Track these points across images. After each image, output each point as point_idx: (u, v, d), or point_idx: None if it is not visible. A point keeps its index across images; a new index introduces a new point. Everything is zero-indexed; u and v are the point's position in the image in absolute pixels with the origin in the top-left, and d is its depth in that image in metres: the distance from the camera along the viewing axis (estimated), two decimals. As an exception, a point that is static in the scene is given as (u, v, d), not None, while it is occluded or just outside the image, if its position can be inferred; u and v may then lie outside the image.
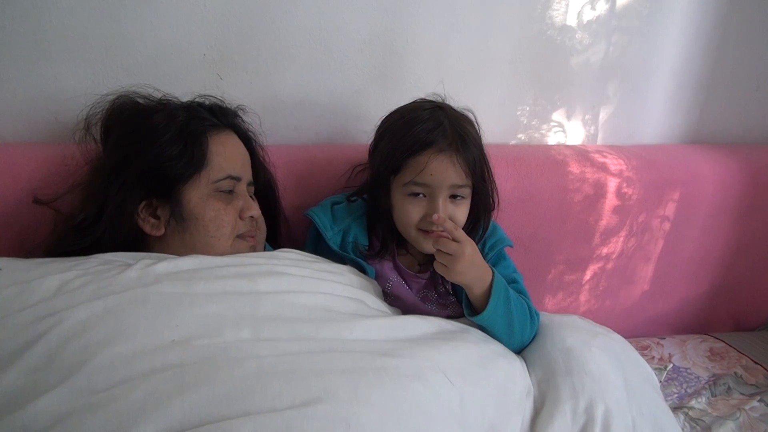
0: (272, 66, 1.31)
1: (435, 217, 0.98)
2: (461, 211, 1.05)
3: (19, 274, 0.84)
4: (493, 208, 1.11)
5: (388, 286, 1.12)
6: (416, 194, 1.03)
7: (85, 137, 1.06)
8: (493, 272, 1.01)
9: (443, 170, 1.00)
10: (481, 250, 1.09)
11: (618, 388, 0.97)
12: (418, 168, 1.00)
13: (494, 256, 1.12)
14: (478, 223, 1.11)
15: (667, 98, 1.62)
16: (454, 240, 0.97)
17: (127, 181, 0.95)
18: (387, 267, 1.13)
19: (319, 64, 1.33)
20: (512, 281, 1.10)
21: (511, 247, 1.16)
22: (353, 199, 1.16)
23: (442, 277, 1.07)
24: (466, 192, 1.04)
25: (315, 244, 1.16)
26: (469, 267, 0.97)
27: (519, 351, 1.08)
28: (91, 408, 0.66)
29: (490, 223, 1.14)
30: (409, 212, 1.04)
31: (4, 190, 1.08)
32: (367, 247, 1.12)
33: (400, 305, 1.12)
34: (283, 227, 1.20)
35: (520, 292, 1.09)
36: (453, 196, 1.04)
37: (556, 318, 1.13)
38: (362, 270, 1.09)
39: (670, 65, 1.58)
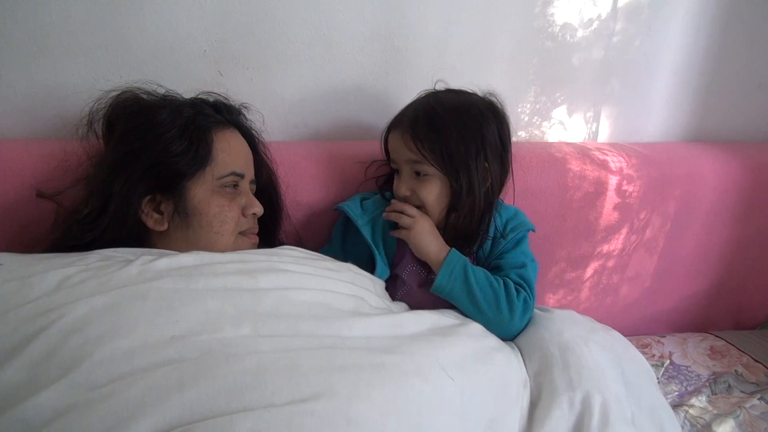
0: (273, 63, 1.31)
1: (391, 202, 1.12)
2: (425, 188, 1.10)
3: (19, 270, 0.84)
4: (464, 194, 1.08)
5: (406, 272, 1.16)
6: (396, 171, 1.14)
7: (88, 133, 1.06)
8: (450, 249, 1.09)
9: (395, 146, 1.12)
10: (502, 231, 1.15)
11: (615, 381, 0.98)
12: (389, 147, 1.15)
13: (513, 239, 1.15)
14: (457, 207, 1.10)
15: (669, 96, 1.62)
16: (408, 215, 1.09)
17: (131, 176, 0.95)
18: (408, 254, 1.15)
19: (320, 61, 1.33)
20: (521, 266, 1.12)
21: (534, 231, 1.19)
22: (387, 195, 1.20)
23: None
24: (427, 169, 1.09)
25: (343, 238, 1.19)
26: (419, 239, 1.09)
27: (512, 337, 1.09)
28: (90, 403, 0.66)
29: (511, 209, 1.19)
30: (394, 186, 1.15)
31: (6, 186, 1.08)
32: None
33: (414, 293, 1.15)
34: (285, 224, 1.21)
35: (522, 278, 1.10)
36: (417, 173, 1.10)
37: (555, 312, 1.13)
38: (371, 267, 1.11)
39: (672, 63, 1.58)
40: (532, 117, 1.53)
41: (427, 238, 1.10)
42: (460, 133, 1.06)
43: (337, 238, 1.20)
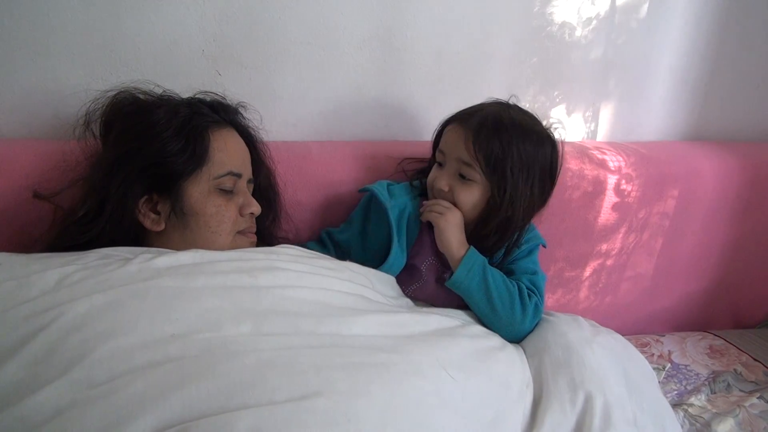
0: (271, 62, 1.30)
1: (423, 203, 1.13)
2: (465, 191, 1.10)
3: (18, 269, 0.84)
4: (503, 212, 1.09)
5: (425, 265, 1.16)
6: (439, 163, 1.13)
7: (85, 133, 1.06)
8: (470, 247, 1.10)
9: (453, 140, 1.10)
10: (518, 242, 1.15)
11: (618, 383, 0.98)
12: (443, 136, 1.14)
13: (526, 249, 1.17)
14: (489, 220, 1.10)
15: (668, 95, 1.62)
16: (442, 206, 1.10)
17: (128, 176, 0.95)
18: (427, 247, 1.15)
19: (318, 60, 1.33)
20: (532, 272, 1.14)
21: (545, 246, 1.21)
22: (415, 183, 1.21)
23: None
24: (474, 175, 1.08)
25: (363, 221, 1.19)
26: (447, 227, 1.08)
27: (518, 340, 1.10)
28: (90, 401, 0.66)
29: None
30: (429, 177, 1.15)
31: (4, 186, 1.08)
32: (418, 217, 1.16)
33: (429, 287, 1.16)
34: (284, 223, 1.20)
35: (533, 284, 1.12)
36: (461, 176, 1.09)
37: (559, 316, 1.14)
38: (381, 261, 1.11)
39: (671, 62, 1.58)
40: (531, 116, 1.53)
41: (454, 230, 1.10)
42: (518, 152, 1.06)
43: (358, 220, 1.20)
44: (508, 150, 1.05)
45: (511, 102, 1.16)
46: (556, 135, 1.15)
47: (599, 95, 1.57)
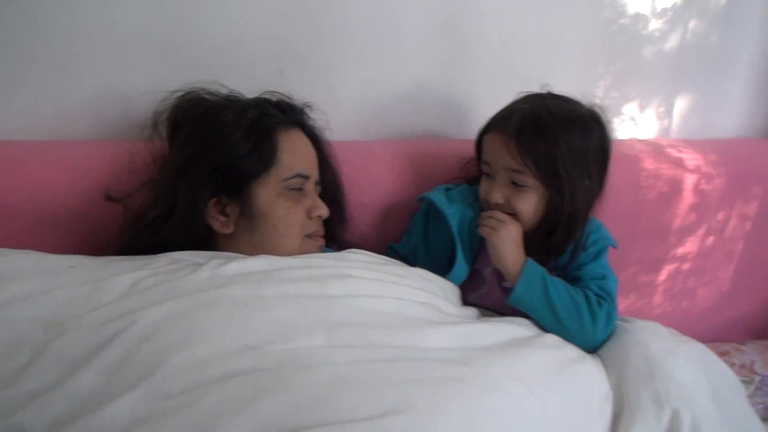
0: (334, 60, 1.29)
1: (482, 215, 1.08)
2: (522, 199, 1.05)
3: (91, 273, 0.84)
4: (566, 211, 1.04)
5: (488, 270, 1.12)
6: (486, 174, 1.08)
7: (153, 134, 1.06)
8: (527, 260, 1.05)
9: (496, 150, 1.04)
10: (583, 244, 1.09)
11: (705, 398, 0.92)
12: (484, 147, 1.08)
13: (593, 252, 1.10)
14: (553, 221, 1.06)
15: (748, 89, 1.54)
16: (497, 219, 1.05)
17: (197, 178, 0.94)
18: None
19: (382, 58, 1.31)
20: (601, 277, 1.08)
21: (615, 247, 1.14)
22: (474, 185, 1.16)
23: None
24: (526, 180, 1.03)
25: (425, 230, 1.16)
26: (501, 243, 1.03)
27: (594, 349, 1.04)
28: (167, 413, 0.65)
29: (595, 222, 1.13)
30: (481, 190, 1.10)
31: (75, 187, 1.09)
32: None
33: (493, 293, 1.12)
34: (348, 225, 1.18)
35: (603, 289, 1.05)
36: (514, 183, 1.04)
37: (638, 323, 1.08)
38: (452, 261, 1.08)
39: (752, 54, 1.51)
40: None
41: (509, 246, 1.04)
42: (567, 146, 1.00)
43: (418, 229, 1.17)
44: (555, 147, 1.00)
45: (544, 92, 1.10)
46: (599, 111, 1.08)
47: (674, 90, 1.50)
